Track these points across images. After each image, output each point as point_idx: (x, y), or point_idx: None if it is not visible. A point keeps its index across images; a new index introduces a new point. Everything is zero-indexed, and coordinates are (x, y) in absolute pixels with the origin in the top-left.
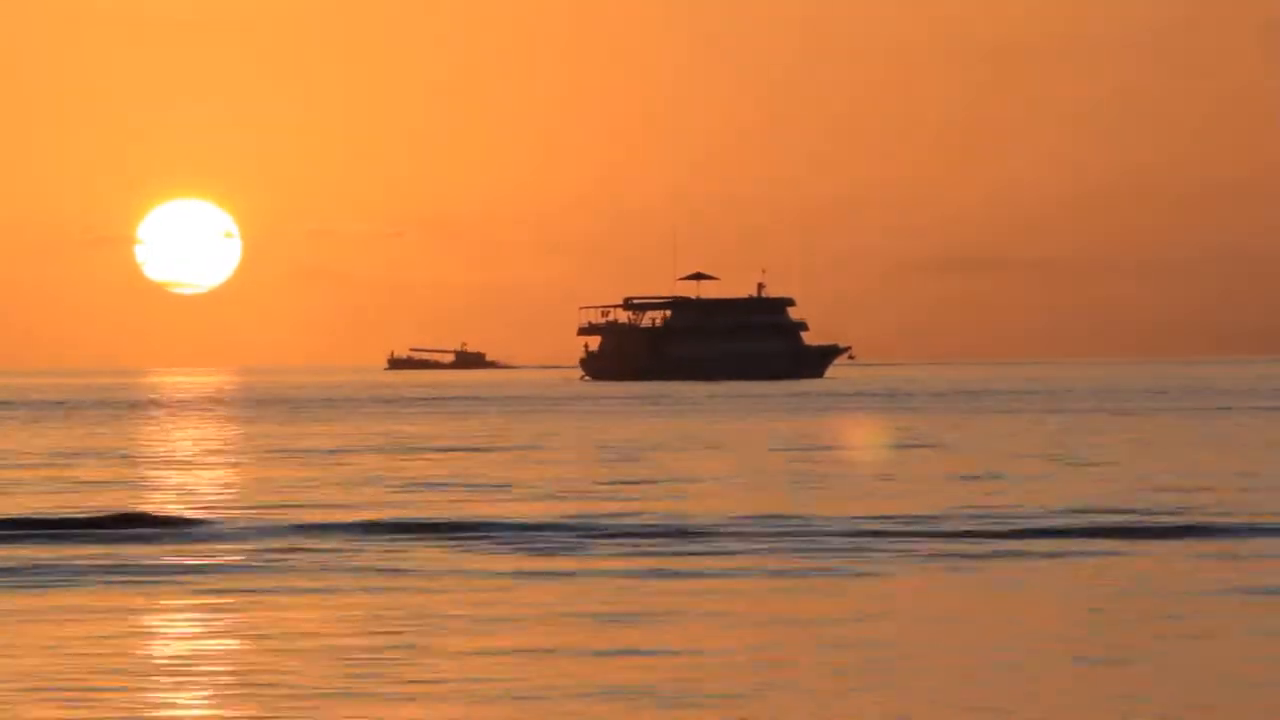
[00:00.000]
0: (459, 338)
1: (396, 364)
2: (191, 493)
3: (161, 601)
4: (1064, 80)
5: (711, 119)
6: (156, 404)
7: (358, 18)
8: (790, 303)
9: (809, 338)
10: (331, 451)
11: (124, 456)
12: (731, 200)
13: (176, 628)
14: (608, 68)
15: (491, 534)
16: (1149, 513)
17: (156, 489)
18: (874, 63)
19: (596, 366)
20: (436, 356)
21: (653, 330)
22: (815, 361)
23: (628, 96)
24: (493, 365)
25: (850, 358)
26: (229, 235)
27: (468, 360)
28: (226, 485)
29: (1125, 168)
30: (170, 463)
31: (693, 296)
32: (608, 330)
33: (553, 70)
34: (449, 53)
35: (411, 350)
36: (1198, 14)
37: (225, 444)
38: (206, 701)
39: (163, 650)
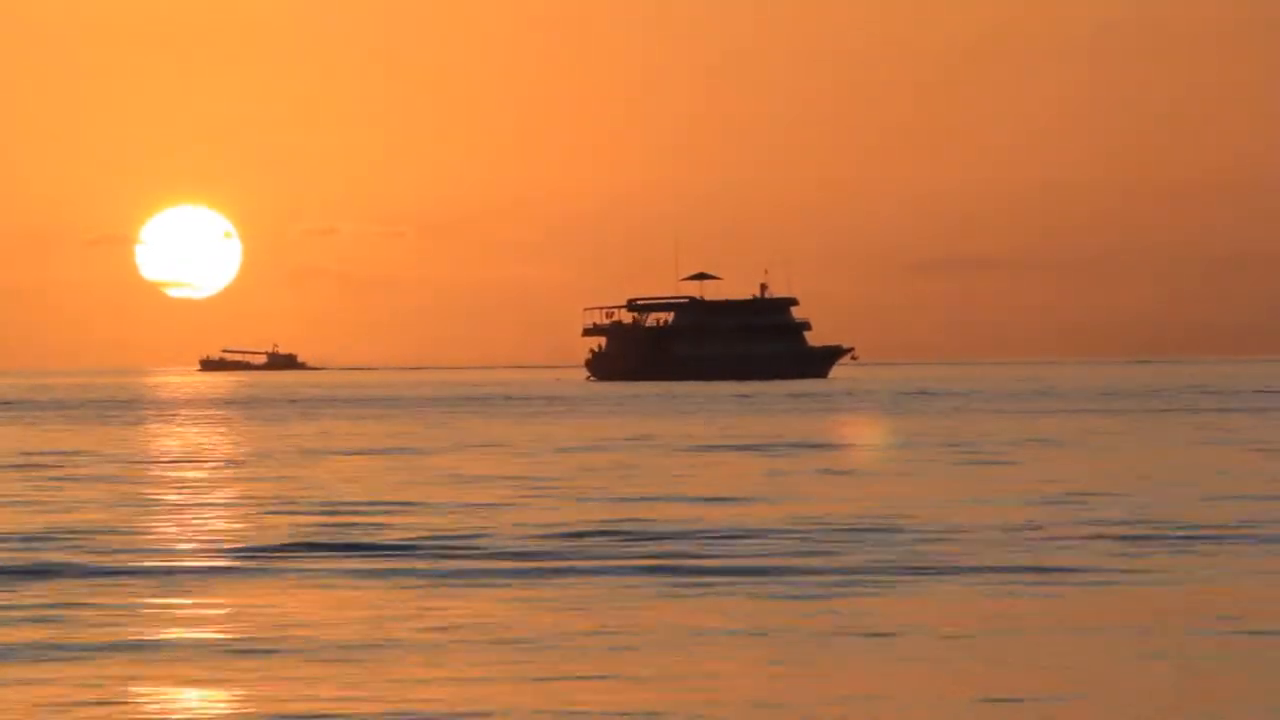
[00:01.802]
0: (451, 338)
1: (209, 365)
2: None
3: None
4: (1067, 79)
5: (713, 119)
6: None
7: (358, 18)
8: (794, 303)
9: (812, 338)
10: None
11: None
12: (734, 200)
13: None
14: (609, 67)
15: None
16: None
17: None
18: (876, 61)
19: (601, 367)
20: (249, 358)
21: (657, 330)
22: (818, 362)
23: (628, 96)
24: (304, 367)
25: (853, 358)
26: (228, 235)
27: (279, 362)
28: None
29: (1128, 167)
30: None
31: (696, 297)
32: (612, 331)
33: (553, 69)
34: (448, 52)
35: (224, 351)
36: (1197, 7)
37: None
38: None
39: None
